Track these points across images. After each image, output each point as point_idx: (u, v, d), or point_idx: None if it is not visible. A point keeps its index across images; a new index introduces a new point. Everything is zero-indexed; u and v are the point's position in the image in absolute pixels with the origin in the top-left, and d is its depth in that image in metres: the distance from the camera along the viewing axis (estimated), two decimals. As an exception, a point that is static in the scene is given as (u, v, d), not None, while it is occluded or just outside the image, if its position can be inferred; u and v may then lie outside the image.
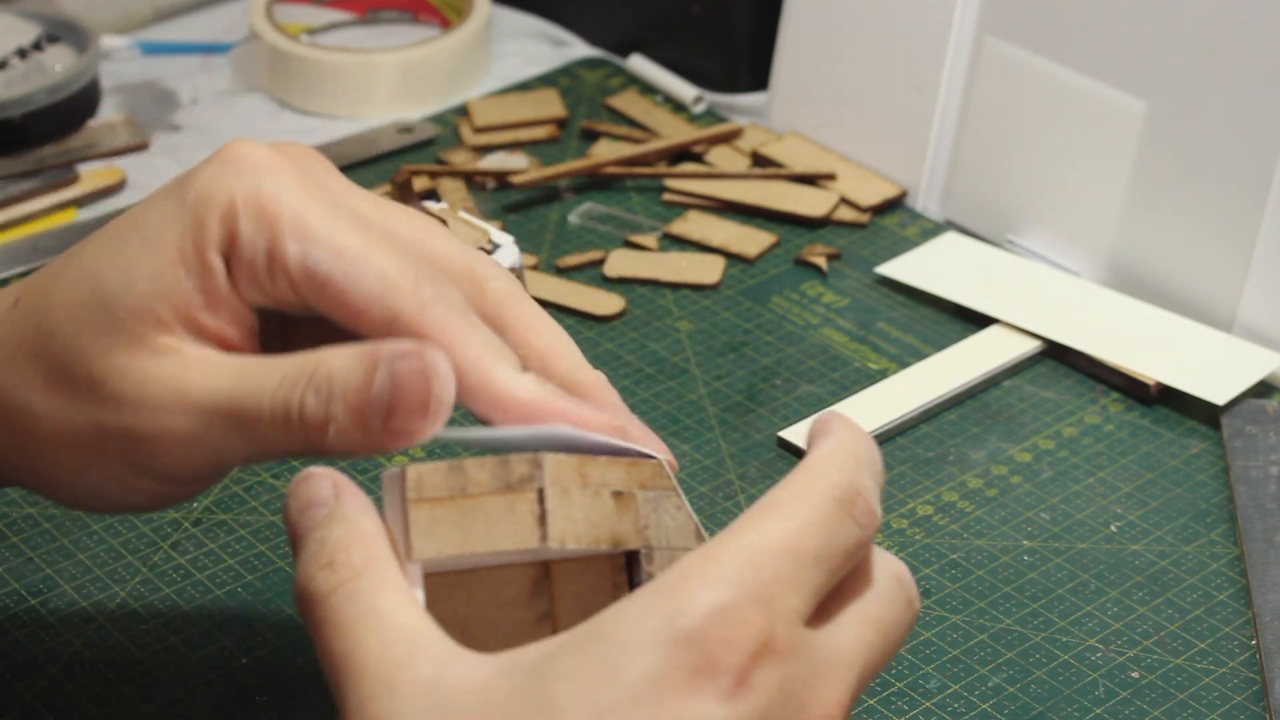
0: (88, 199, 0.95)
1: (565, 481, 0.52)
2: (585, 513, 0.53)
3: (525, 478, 0.52)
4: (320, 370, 0.54)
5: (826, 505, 0.52)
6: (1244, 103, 0.82)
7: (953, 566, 0.73)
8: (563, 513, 0.52)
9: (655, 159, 0.96)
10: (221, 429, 0.55)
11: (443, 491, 0.52)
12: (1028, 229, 0.90)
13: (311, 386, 0.54)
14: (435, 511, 0.52)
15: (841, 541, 0.52)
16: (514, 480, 0.52)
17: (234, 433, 0.55)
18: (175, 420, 0.55)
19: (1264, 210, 0.82)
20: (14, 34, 1.00)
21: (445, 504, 0.52)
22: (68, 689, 0.67)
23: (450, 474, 0.52)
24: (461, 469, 0.52)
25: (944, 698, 0.67)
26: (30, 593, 0.71)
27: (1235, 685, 0.68)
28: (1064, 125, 0.88)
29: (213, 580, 0.72)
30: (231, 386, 0.55)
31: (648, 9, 1.05)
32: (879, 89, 0.94)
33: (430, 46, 1.02)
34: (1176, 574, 0.73)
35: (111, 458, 0.57)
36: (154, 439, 0.56)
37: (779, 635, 0.50)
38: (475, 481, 0.52)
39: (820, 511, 0.52)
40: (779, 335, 0.86)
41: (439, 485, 0.52)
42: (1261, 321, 0.83)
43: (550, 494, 0.52)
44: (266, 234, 0.56)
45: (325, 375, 0.54)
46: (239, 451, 0.56)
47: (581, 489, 0.53)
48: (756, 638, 0.49)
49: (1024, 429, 0.80)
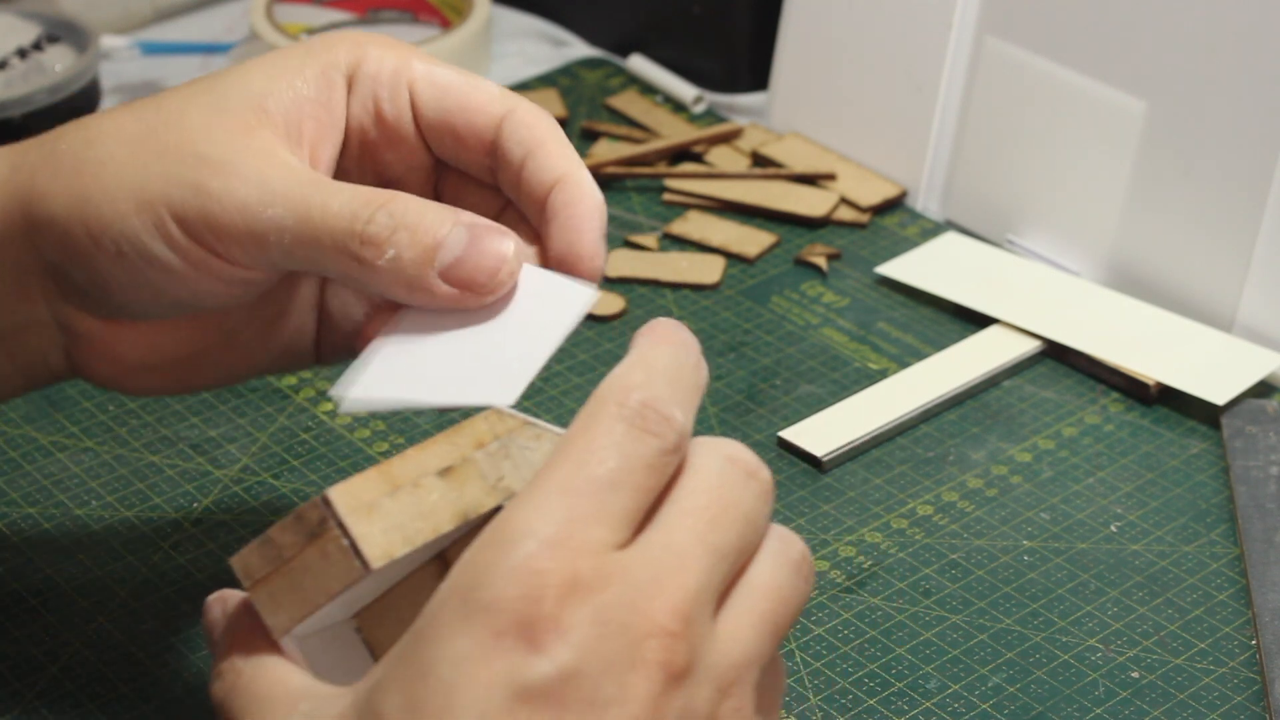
0: (88, 199, 0.95)
1: (366, 499, 0.53)
2: (406, 513, 0.53)
3: (320, 520, 0.53)
4: (398, 202, 0.58)
5: (613, 427, 0.51)
6: (1244, 103, 0.82)
7: (953, 566, 0.73)
8: (375, 531, 0.52)
9: (655, 159, 0.96)
10: (282, 211, 0.58)
11: (266, 568, 0.53)
12: (1028, 229, 0.90)
13: (386, 210, 0.58)
14: (270, 588, 0.53)
15: (638, 457, 0.51)
16: (314, 527, 0.53)
17: (291, 223, 0.58)
18: (243, 190, 0.58)
19: (1264, 210, 0.82)
20: (14, 34, 1.00)
21: (273, 578, 0.53)
22: (68, 689, 0.67)
23: (263, 549, 0.53)
24: (269, 540, 0.53)
25: (944, 698, 0.67)
26: (30, 593, 0.71)
27: (1235, 685, 0.68)
28: (1064, 125, 0.88)
29: (213, 580, 0.72)
30: (307, 184, 0.58)
31: (648, 9, 1.05)
32: (879, 89, 0.94)
33: (430, 46, 1.02)
34: (1176, 574, 0.73)
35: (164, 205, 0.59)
36: (218, 200, 0.59)
37: (583, 570, 0.49)
38: (284, 545, 0.53)
39: (607, 435, 0.51)
40: (779, 335, 0.86)
41: (260, 565, 0.53)
42: (1261, 321, 0.83)
43: (350, 523, 0.52)
44: (393, 55, 0.62)
45: (402, 208, 0.58)
46: (287, 246, 0.58)
47: (392, 495, 0.53)
48: (558, 583, 0.48)
49: (1024, 429, 0.80)
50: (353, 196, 0.58)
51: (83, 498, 0.76)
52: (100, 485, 0.76)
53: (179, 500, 0.75)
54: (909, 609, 0.71)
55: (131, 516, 0.75)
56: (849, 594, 0.72)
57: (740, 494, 0.52)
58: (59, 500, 0.75)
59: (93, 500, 0.75)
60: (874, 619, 0.71)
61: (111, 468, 0.77)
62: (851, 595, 0.72)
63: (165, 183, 0.59)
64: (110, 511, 0.75)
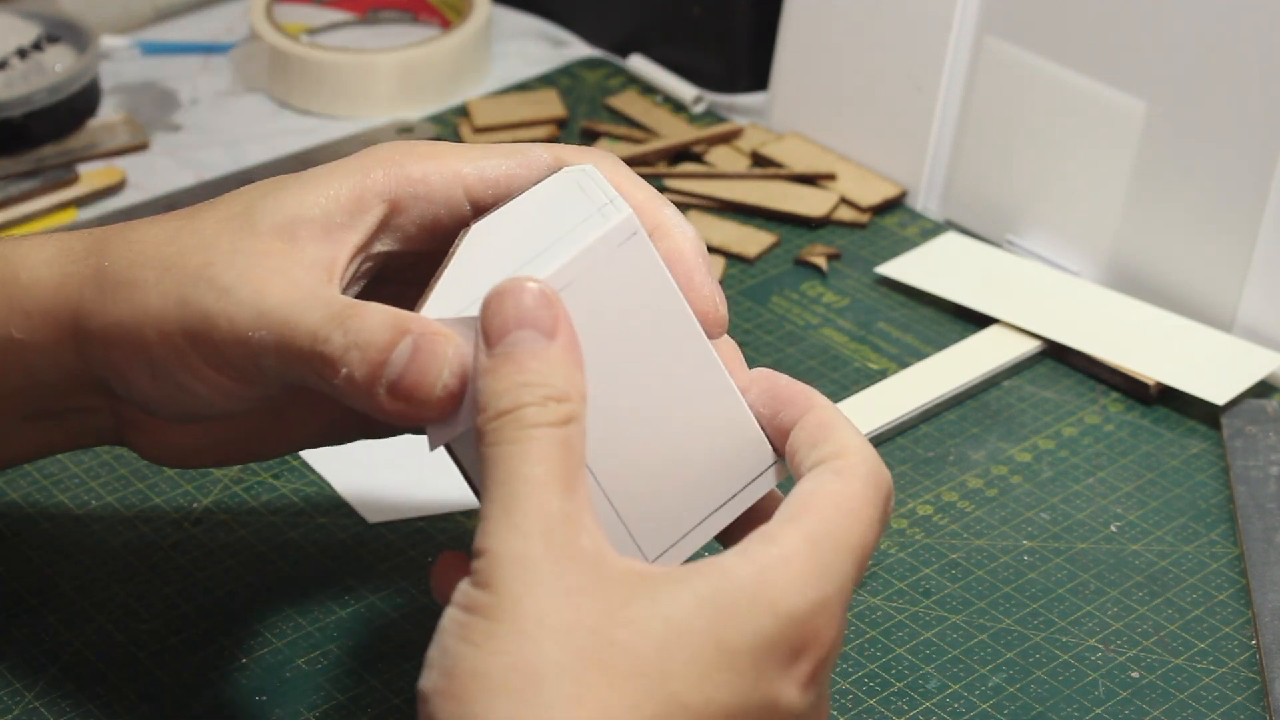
0: (88, 199, 0.95)
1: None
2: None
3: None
4: (355, 318, 0.58)
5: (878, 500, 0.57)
6: (1244, 103, 0.82)
7: (953, 566, 0.73)
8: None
9: (655, 159, 0.96)
10: (266, 333, 0.59)
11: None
12: (1028, 229, 0.90)
13: (341, 328, 0.58)
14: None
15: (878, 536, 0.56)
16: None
17: (272, 344, 0.59)
18: (238, 313, 0.59)
19: (1264, 210, 0.82)
20: (14, 34, 1.00)
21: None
22: (68, 689, 0.67)
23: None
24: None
25: (944, 698, 0.67)
26: (30, 593, 0.71)
27: (1235, 685, 0.68)
28: (1064, 125, 0.88)
29: (213, 580, 0.72)
30: (294, 303, 0.59)
31: (648, 9, 1.05)
32: (879, 89, 0.94)
33: (430, 46, 1.02)
34: (1176, 574, 0.73)
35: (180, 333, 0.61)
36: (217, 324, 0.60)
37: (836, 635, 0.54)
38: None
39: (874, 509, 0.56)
40: (779, 335, 0.86)
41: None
42: (1261, 321, 0.83)
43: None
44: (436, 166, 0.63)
45: (357, 324, 0.58)
46: (274, 365, 0.60)
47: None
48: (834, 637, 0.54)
49: (1024, 429, 0.80)
50: (322, 316, 0.58)
51: (83, 498, 0.76)
52: (100, 485, 0.76)
53: (179, 500, 0.75)
54: (909, 609, 0.71)
55: (131, 516, 0.75)
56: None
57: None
58: (59, 500, 0.75)
59: (93, 500, 0.75)
60: (874, 619, 0.71)
61: (111, 468, 0.77)
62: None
63: (182, 310, 0.60)
64: (110, 511, 0.75)
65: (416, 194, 0.63)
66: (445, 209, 0.63)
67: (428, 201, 0.63)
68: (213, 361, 0.61)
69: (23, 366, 0.64)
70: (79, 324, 0.63)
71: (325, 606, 0.71)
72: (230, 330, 0.59)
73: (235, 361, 0.60)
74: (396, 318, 0.58)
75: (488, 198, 0.63)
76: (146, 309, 0.61)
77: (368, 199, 0.62)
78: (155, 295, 0.61)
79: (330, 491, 0.76)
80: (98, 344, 0.62)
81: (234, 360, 0.60)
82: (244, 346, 0.59)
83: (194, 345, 0.60)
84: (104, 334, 0.62)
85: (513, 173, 0.63)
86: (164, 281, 0.61)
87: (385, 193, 0.62)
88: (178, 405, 0.63)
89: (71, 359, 0.63)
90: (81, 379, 0.64)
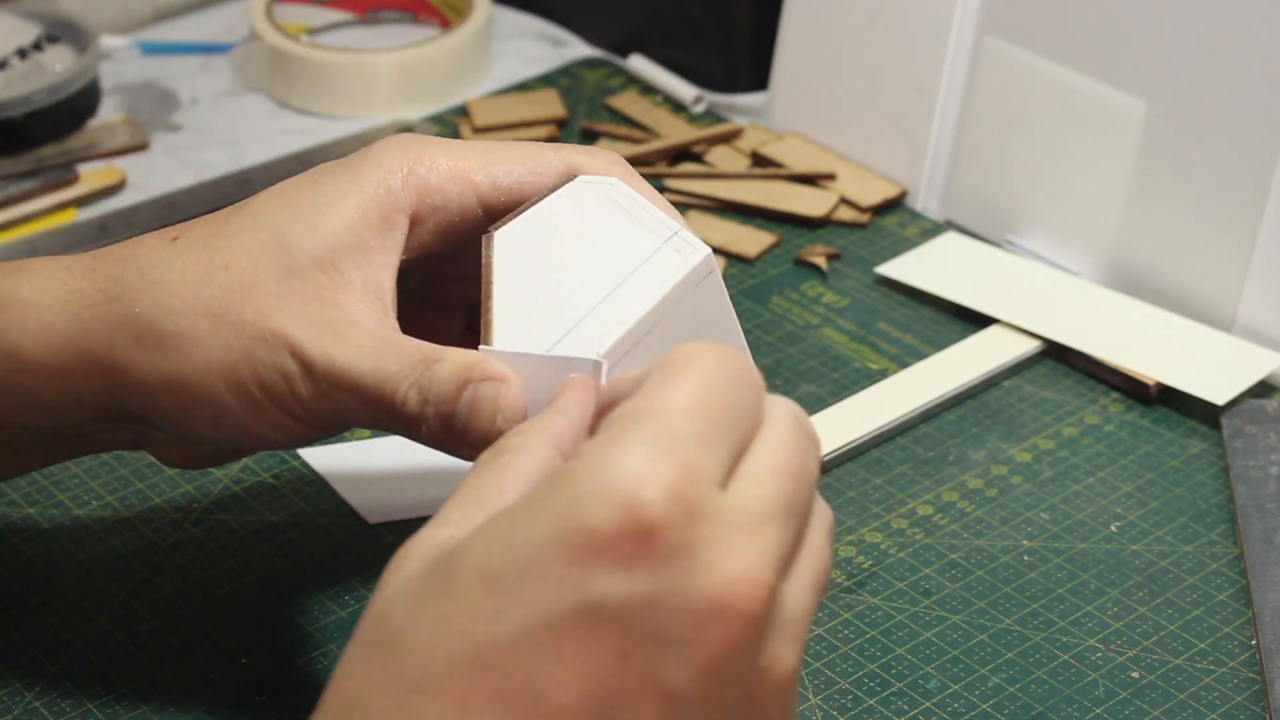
0: (88, 199, 0.95)
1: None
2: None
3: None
4: (427, 375, 0.60)
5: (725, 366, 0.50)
6: (1244, 103, 0.82)
7: (953, 566, 0.73)
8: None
9: (655, 159, 0.96)
10: (347, 394, 0.60)
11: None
12: (1028, 229, 0.90)
13: (416, 386, 0.60)
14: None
15: (747, 398, 0.51)
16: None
17: (355, 400, 0.60)
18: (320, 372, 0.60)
19: (1264, 210, 0.82)
20: (14, 34, 1.00)
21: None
22: (68, 689, 0.67)
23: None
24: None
25: (944, 698, 0.67)
26: (30, 593, 0.71)
27: (1235, 685, 0.68)
28: (1064, 125, 0.88)
29: (213, 580, 0.72)
30: (364, 364, 0.60)
31: (648, 9, 1.05)
32: (879, 89, 0.94)
33: (430, 46, 1.02)
34: (1176, 574, 0.73)
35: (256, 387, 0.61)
36: (301, 383, 0.61)
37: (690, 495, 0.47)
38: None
39: (722, 371, 0.50)
40: (779, 335, 0.86)
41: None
42: (1261, 321, 0.83)
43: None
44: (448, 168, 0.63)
45: (429, 380, 0.59)
46: (358, 415, 0.61)
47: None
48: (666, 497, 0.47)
49: (1024, 429, 0.80)
50: (398, 369, 0.60)
51: (83, 498, 0.76)
52: (100, 485, 0.76)
53: (179, 500, 0.75)
54: (909, 609, 0.71)
55: (131, 516, 0.75)
56: (849, 594, 0.72)
57: (809, 458, 0.51)
58: (59, 500, 0.75)
59: (93, 500, 0.75)
60: (874, 619, 0.71)
61: (111, 468, 0.77)
62: (851, 595, 0.72)
63: (253, 365, 0.61)
64: (110, 511, 0.75)
65: (434, 204, 0.63)
66: (460, 216, 0.64)
67: (444, 211, 0.63)
68: (292, 413, 0.61)
69: (40, 407, 0.64)
70: (114, 375, 0.62)
71: (325, 606, 0.71)
72: (313, 391, 0.61)
73: (318, 416, 0.61)
74: (463, 367, 0.59)
75: (500, 205, 0.64)
76: (209, 363, 0.61)
77: (394, 216, 0.63)
78: (218, 349, 0.61)
79: (330, 491, 0.76)
80: (143, 394, 0.62)
81: (316, 415, 0.61)
82: (329, 402, 0.61)
83: (271, 399, 0.61)
84: (153, 386, 0.62)
85: (525, 180, 0.64)
86: (222, 333, 0.61)
87: (407, 206, 0.63)
88: (235, 444, 0.64)
89: (98, 397, 0.63)
90: (106, 409, 0.64)
